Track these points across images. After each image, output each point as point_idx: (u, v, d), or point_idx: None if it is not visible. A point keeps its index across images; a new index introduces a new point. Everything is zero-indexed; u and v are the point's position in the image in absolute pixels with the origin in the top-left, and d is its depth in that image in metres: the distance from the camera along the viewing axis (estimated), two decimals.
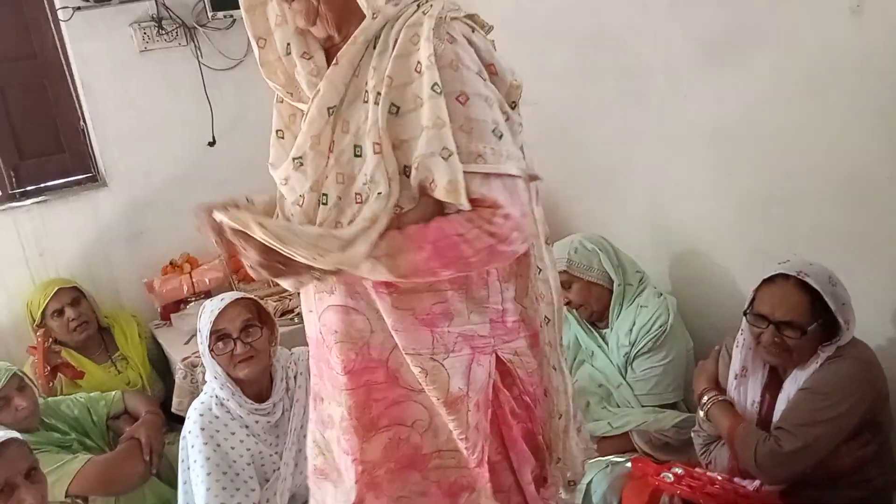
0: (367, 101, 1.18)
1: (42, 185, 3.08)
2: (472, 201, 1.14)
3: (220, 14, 3.07)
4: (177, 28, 3.11)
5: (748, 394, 1.83)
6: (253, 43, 1.31)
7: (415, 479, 1.33)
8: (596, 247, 2.23)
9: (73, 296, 2.77)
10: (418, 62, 1.14)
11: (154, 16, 3.06)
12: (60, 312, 2.74)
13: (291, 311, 2.77)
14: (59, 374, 2.60)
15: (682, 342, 2.21)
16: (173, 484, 2.18)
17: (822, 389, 1.65)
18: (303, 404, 2.09)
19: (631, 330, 2.17)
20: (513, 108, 1.26)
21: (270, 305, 2.68)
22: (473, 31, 1.23)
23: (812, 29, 1.86)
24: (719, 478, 1.78)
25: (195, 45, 3.15)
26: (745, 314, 1.78)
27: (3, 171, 3.01)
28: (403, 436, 1.31)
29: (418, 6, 1.20)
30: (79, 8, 2.93)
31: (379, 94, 1.16)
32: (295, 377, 2.12)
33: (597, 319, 2.29)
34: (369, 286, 1.24)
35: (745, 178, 2.15)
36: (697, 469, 1.84)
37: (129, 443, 2.26)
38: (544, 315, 1.39)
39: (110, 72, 3.05)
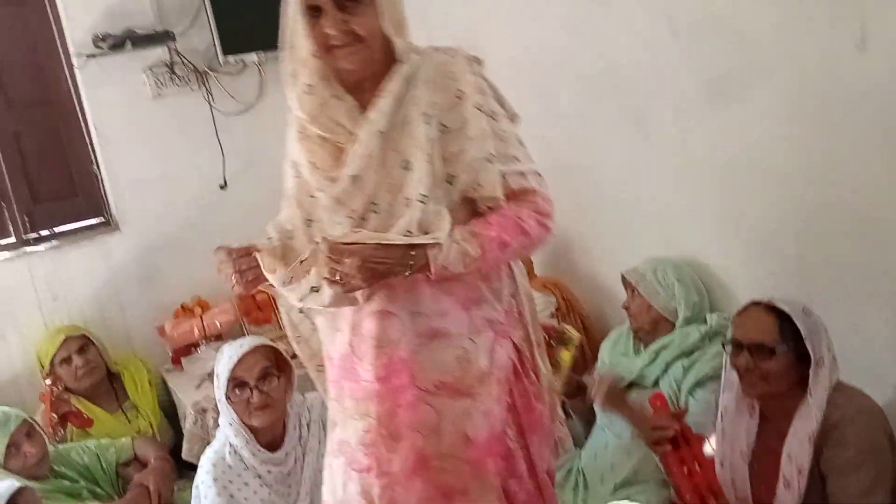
0: (412, 125, 1.40)
1: (55, 229, 3.11)
2: (513, 193, 1.42)
3: (232, 59, 3.12)
4: (189, 73, 3.16)
5: (735, 441, 1.79)
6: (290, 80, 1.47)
7: (419, 488, 1.44)
8: (679, 281, 2.24)
9: (81, 343, 2.78)
10: (459, 90, 1.41)
11: (167, 62, 3.12)
12: (68, 360, 2.74)
13: None
14: (68, 422, 2.59)
15: None
16: None
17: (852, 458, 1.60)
18: (316, 453, 2.07)
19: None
20: None
21: (281, 347, 2.68)
22: (482, 70, 1.49)
23: (818, 65, 1.87)
24: None
25: (207, 90, 3.19)
26: (723, 346, 1.81)
27: (18, 216, 3.05)
28: (419, 443, 1.44)
29: (436, 51, 1.46)
30: (93, 55, 2.99)
31: (429, 116, 1.39)
32: (308, 425, 2.10)
33: (643, 336, 2.30)
34: (418, 282, 1.41)
35: (754, 214, 2.14)
36: None
37: (138, 490, 2.25)
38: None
39: (123, 117, 3.09)
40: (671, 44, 2.22)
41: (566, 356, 2.28)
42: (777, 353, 1.67)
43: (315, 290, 1.41)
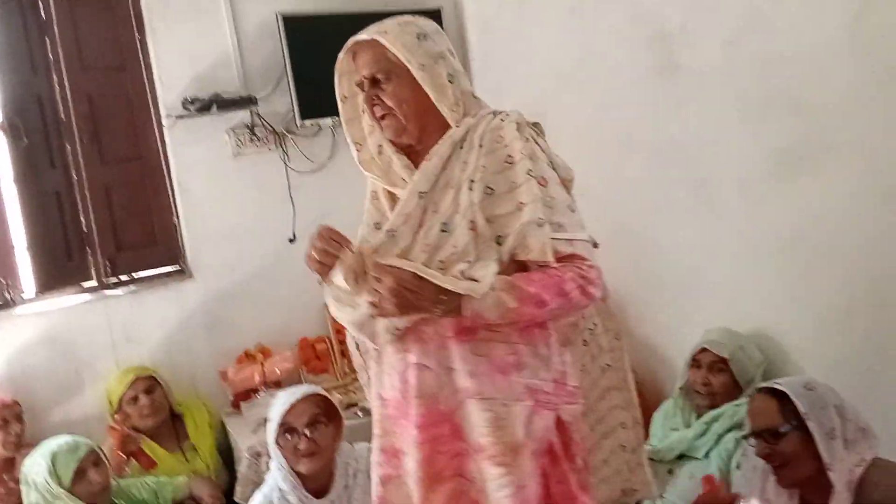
0: (455, 188, 1.45)
1: (134, 275, 3.27)
2: (560, 259, 1.41)
3: (308, 122, 3.30)
4: (268, 135, 3.35)
5: None
6: (352, 146, 1.61)
7: None
8: (764, 357, 2.27)
9: (149, 384, 2.89)
10: (509, 155, 1.44)
11: (248, 123, 3.31)
12: (136, 399, 2.85)
13: (356, 404, 2.80)
14: (132, 460, 2.68)
15: None
16: None
17: None
18: (361, 503, 2.09)
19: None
20: None
21: (336, 398, 2.73)
22: (538, 135, 1.53)
23: (885, 138, 1.87)
24: None
25: (283, 150, 3.37)
26: (745, 439, 1.81)
27: (100, 262, 3.22)
28: (464, 488, 1.47)
29: (494, 115, 1.50)
30: (181, 116, 3.20)
31: (473, 181, 1.43)
32: (355, 475, 2.13)
33: (710, 407, 2.27)
34: (447, 339, 1.44)
35: (824, 288, 2.11)
36: None
37: None
38: (605, 363, 1.62)
39: (205, 174, 3.27)
40: (738, 116, 2.26)
41: None
42: (784, 433, 1.66)
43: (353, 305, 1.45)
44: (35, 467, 2.24)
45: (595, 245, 1.52)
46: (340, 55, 1.54)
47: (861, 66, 1.90)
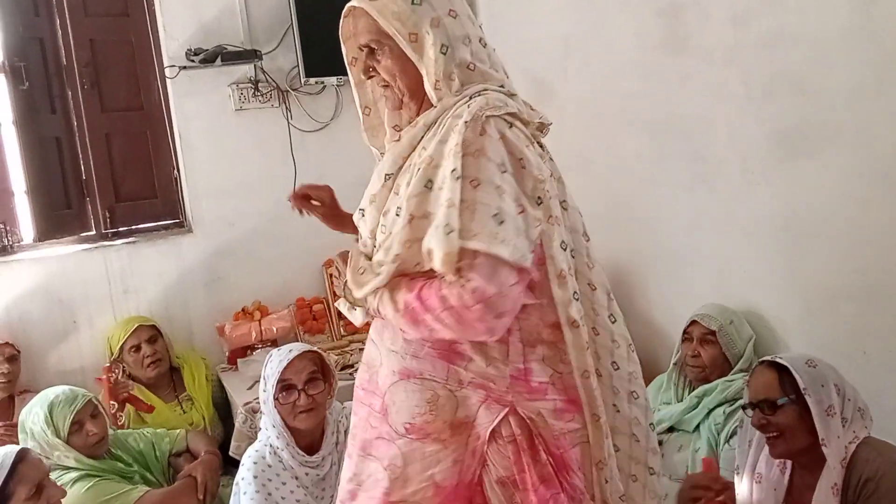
0: (412, 174, 1.36)
1: (133, 227, 3.28)
2: (456, 271, 1.27)
3: (313, 80, 3.27)
4: (271, 90, 3.32)
5: (766, 499, 1.77)
6: (359, 111, 1.57)
7: None
8: (753, 332, 2.29)
9: (151, 333, 2.91)
10: (450, 148, 1.31)
11: (252, 78, 3.28)
12: (137, 348, 2.87)
13: (352, 365, 2.83)
14: (128, 406, 2.71)
15: None
16: None
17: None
18: None
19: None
20: (538, 204, 1.35)
21: (332, 358, 2.75)
22: (511, 127, 1.35)
23: (886, 126, 1.86)
24: None
25: (286, 107, 3.35)
26: (743, 410, 1.82)
27: (99, 212, 3.23)
28: (379, 476, 1.43)
29: (470, 98, 1.35)
30: (184, 67, 3.16)
31: (419, 169, 1.34)
32: (345, 432, 2.16)
33: (701, 381, 2.31)
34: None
35: (814, 271, 2.13)
36: None
37: (186, 480, 2.34)
38: (612, 361, 1.46)
39: (207, 127, 3.25)
40: (742, 95, 2.24)
41: None
42: (781, 405, 1.68)
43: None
44: (32, 417, 2.26)
45: (521, 269, 1.29)
46: (341, 20, 1.48)
47: (869, 52, 1.89)
